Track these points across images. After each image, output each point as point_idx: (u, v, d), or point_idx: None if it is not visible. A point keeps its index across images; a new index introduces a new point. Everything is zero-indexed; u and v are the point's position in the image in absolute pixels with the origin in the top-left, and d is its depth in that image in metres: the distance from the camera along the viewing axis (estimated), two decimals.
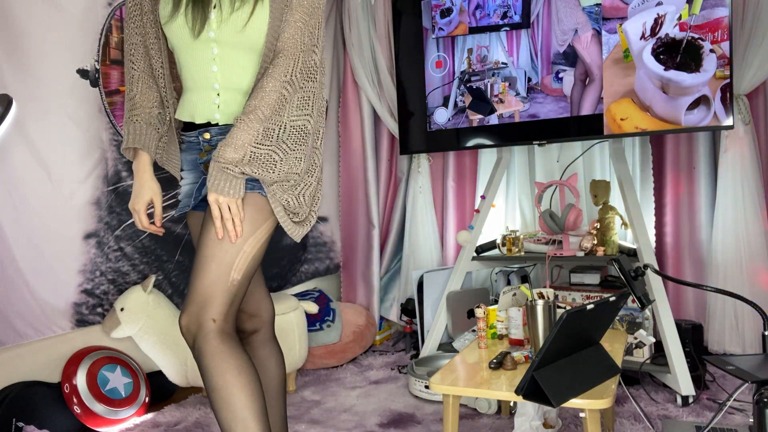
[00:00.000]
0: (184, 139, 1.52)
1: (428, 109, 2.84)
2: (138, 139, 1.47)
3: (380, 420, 2.25)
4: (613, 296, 1.52)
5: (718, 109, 2.29)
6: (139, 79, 1.49)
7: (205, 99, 1.44)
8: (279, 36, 1.39)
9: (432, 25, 2.80)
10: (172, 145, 1.53)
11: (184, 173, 1.53)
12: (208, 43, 1.40)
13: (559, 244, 2.63)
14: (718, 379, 2.45)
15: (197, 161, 1.50)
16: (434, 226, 3.32)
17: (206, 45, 1.40)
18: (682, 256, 2.82)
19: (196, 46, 1.40)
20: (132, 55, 1.49)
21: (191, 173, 1.52)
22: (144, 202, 1.50)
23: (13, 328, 2.13)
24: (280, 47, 1.39)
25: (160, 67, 1.48)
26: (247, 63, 1.42)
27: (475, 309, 1.99)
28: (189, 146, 1.51)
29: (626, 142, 2.85)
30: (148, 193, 1.50)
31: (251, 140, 1.32)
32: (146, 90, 1.50)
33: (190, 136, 1.50)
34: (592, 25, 2.47)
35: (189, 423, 2.29)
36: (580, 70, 2.51)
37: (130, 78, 1.49)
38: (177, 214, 1.56)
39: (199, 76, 1.43)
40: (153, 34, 1.47)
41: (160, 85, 1.50)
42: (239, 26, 1.38)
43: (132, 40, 1.48)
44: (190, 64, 1.44)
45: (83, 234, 2.32)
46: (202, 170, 1.50)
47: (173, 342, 2.38)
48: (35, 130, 2.15)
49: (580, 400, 1.43)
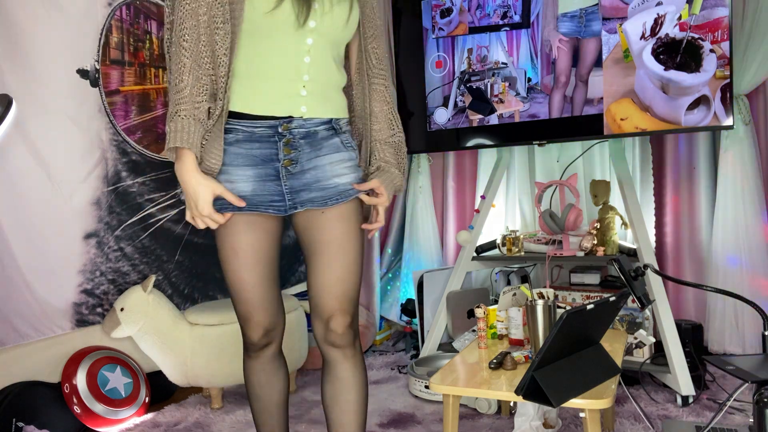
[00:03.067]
0: (243, 130, 1.38)
1: (428, 109, 2.84)
2: (186, 137, 1.31)
3: (380, 420, 2.25)
4: (613, 296, 1.52)
5: (718, 109, 2.29)
6: (191, 70, 1.31)
7: (290, 91, 1.38)
8: (369, 40, 1.48)
9: (432, 25, 2.80)
10: (216, 140, 1.37)
11: (232, 168, 1.38)
12: (305, 34, 1.35)
13: (559, 244, 2.63)
14: (718, 379, 2.45)
15: (272, 156, 1.39)
16: (434, 226, 3.32)
17: (302, 35, 1.35)
18: (682, 256, 2.82)
19: (291, 35, 1.34)
20: (185, 40, 1.31)
21: (251, 168, 1.38)
22: (209, 204, 1.34)
23: (13, 328, 2.13)
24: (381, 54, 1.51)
25: (224, 54, 1.32)
26: (334, 56, 1.42)
27: (475, 309, 1.99)
28: (255, 138, 1.38)
29: (626, 142, 2.85)
30: (208, 192, 1.34)
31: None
32: (196, 82, 1.32)
33: (260, 127, 1.38)
34: (570, 30, 2.47)
35: (189, 423, 2.29)
36: (580, 71, 2.51)
37: (181, 67, 1.31)
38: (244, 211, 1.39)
39: (287, 67, 1.36)
40: (221, 17, 1.30)
41: (220, 74, 1.33)
42: (343, 19, 1.38)
43: (186, 24, 1.31)
44: (274, 54, 1.35)
45: (83, 234, 2.32)
46: (282, 166, 1.39)
47: (173, 342, 2.38)
48: (35, 130, 2.15)
49: (580, 400, 1.43)
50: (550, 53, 2.55)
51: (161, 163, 2.58)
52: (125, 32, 2.46)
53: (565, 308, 1.53)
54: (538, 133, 2.61)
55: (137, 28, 2.51)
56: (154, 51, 2.57)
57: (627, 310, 2.47)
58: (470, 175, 3.29)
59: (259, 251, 1.43)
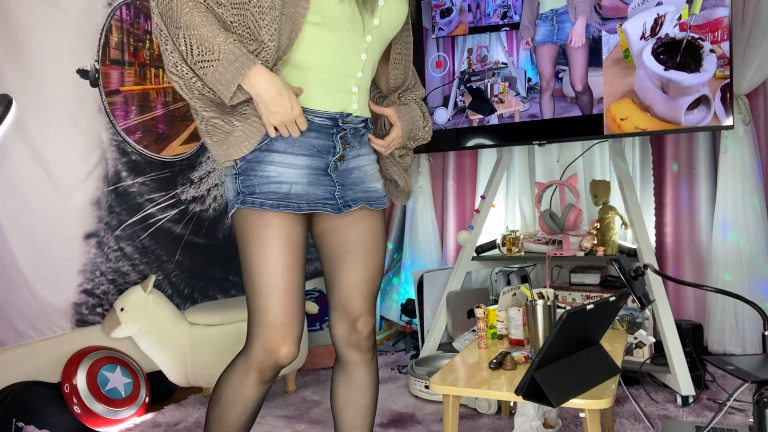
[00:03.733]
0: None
1: (428, 109, 2.84)
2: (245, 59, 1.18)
3: (380, 420, 2.25)
4: (613, 296, 1.52)
5: (718, 109, 2.29)
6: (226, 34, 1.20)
7: (345, 86, 1.34)
8: (405, 44, 1.46)
9: (432, 25, 2.80)
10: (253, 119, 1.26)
11: (286, 155, 1.29)
12: (367, 31, 1.31)
13: (559, 244, 2.63)
14: (718, 379, 2.45)
15: (329, 148, 1.33)
16: (434, 226, 3.32)
17: (364, 32, 1.31)
18: (682, 256, 2.82)
19: (353, 30, 1.30)
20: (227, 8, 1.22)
21: (307, 158, 1.30)
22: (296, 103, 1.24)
23: (13, 328, 2.13)
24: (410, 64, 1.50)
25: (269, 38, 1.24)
26: (382, 53, 1.41)
27: (475, 309, 1.99)
28: (313, 128, 1.30)
29: (626, 142, 2.85)
30: (292, 93, 1.23)
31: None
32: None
33: (320, 117, 1.31)
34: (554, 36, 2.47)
35: (189, 423, 2.29)
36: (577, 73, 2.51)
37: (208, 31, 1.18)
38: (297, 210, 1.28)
39: (345, 63, 1.32)
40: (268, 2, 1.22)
41: (263, 58, 1.24)
42: (402, 17, 1.37)
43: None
44: (334, 48, 1.30)
45: (83, 234, 2.32)
46: (334, 160, 1.34)
47: (173, 342, 2.38)
48: (35, 130, 2.15)
49: (580, 400, 1.42)
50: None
51: (161, 163, 2.58)
52: (125, 32, 2.46)
53: (565, 308, 1.53)
54: (538, 133, 2.61)
55: (137, 28, 2.51)
56: (154, 51, 2.57)
57: (627, 310, 2.47)
58: (470, 175, 3.30)
59: (303, 249, 1.32)
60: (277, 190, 1.26)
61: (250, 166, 1.27)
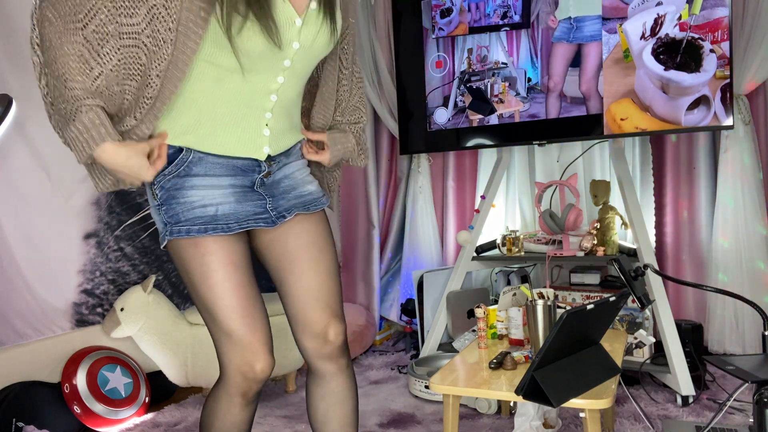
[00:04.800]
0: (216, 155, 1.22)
1: (428, 109, 2.84)
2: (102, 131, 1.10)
3: (380, 420, 2.25)
4: (613, 296, 1.52)
5: (718, 109, 2.29)
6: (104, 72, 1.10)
7: (252, 130, 1.24)
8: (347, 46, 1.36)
9: (432, 25, 2.80)
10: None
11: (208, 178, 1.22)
12: (275, 70, 1.20)
13: (559, 244, 2.63)
14: (718, 379, 2.45)
15: (253, 167, 1.26)
16: (434, 226, 3.32)
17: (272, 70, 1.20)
18: (682, 256, 2.82)
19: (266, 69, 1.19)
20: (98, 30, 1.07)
21: (230, 178, 1.24)
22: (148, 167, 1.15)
23: (13, 328, 2.13)
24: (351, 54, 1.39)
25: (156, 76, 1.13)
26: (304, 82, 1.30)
27: (475, 309, 1.99)
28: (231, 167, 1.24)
29: (626, 142, 2.85)
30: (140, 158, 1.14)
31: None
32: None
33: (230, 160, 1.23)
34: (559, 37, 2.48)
35: (189, 423, 2.29)
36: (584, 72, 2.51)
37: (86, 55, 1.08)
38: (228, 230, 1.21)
39: (246, 103, 1.21)
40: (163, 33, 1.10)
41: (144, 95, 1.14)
42: (326, 41, 1.24)
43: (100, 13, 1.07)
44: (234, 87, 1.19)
45: (83, 234, 2.32)
46: (261, 179, 1.27)
47: (173, 342, 2.38)
48: (35, 130, 2.15)
49: (580, 400, 1.43)
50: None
51: None
52: None
53: (565, 308, 1.53)
54: (538, 133, 2.61)
55: None
56: None
57: (627, 310, 2.47)
58: (470, 175, 3.30)
59: (248, 265, 1.26)
60: (203, 214, 1.20)
61: (170, 194, 1.20)
